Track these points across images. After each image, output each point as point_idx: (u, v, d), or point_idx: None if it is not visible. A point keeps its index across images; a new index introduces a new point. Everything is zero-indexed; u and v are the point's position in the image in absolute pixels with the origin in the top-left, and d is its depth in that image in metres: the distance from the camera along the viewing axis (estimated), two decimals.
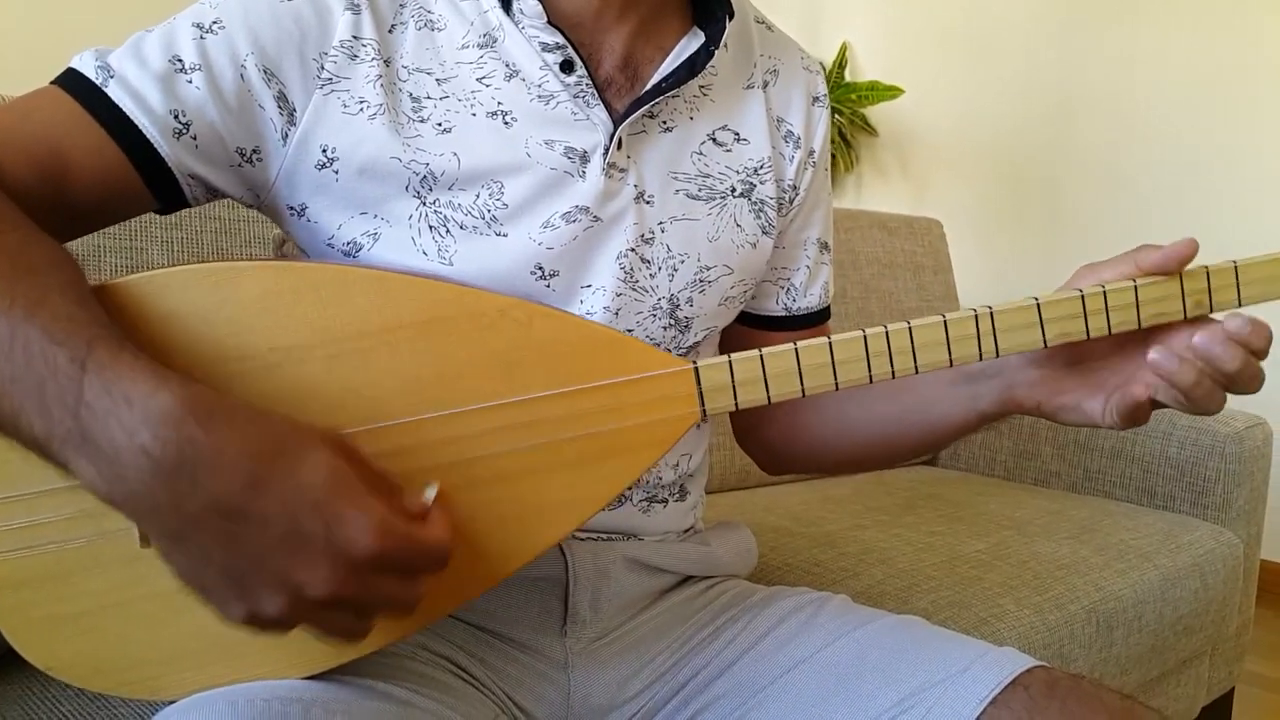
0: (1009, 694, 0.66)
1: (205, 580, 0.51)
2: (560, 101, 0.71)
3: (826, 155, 0.87)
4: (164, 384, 0.49)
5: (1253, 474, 1.60)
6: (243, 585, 0.50)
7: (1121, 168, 2.96)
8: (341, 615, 0.52)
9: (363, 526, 0.49)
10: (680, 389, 0.63)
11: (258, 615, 0.50)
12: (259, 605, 0.50)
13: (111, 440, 0.48)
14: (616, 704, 0.76)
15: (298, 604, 0.50)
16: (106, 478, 0.49)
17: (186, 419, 0.48)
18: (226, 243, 1.15)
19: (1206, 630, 1.47)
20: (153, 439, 0.48)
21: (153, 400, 0.48)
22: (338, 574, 0.49)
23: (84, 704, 0.80)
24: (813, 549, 1.29)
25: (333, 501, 0.49)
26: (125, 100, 0.64)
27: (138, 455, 0.48)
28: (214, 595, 0.51)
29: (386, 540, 0.49)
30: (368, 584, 0.50)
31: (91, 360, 0.49)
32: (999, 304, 0.66)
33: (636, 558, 0.77)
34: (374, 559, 0.49)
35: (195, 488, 0.48)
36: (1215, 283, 0.66)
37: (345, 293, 0.60)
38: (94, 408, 0.48)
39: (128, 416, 0.48)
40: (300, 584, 0.49)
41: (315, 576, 0.49)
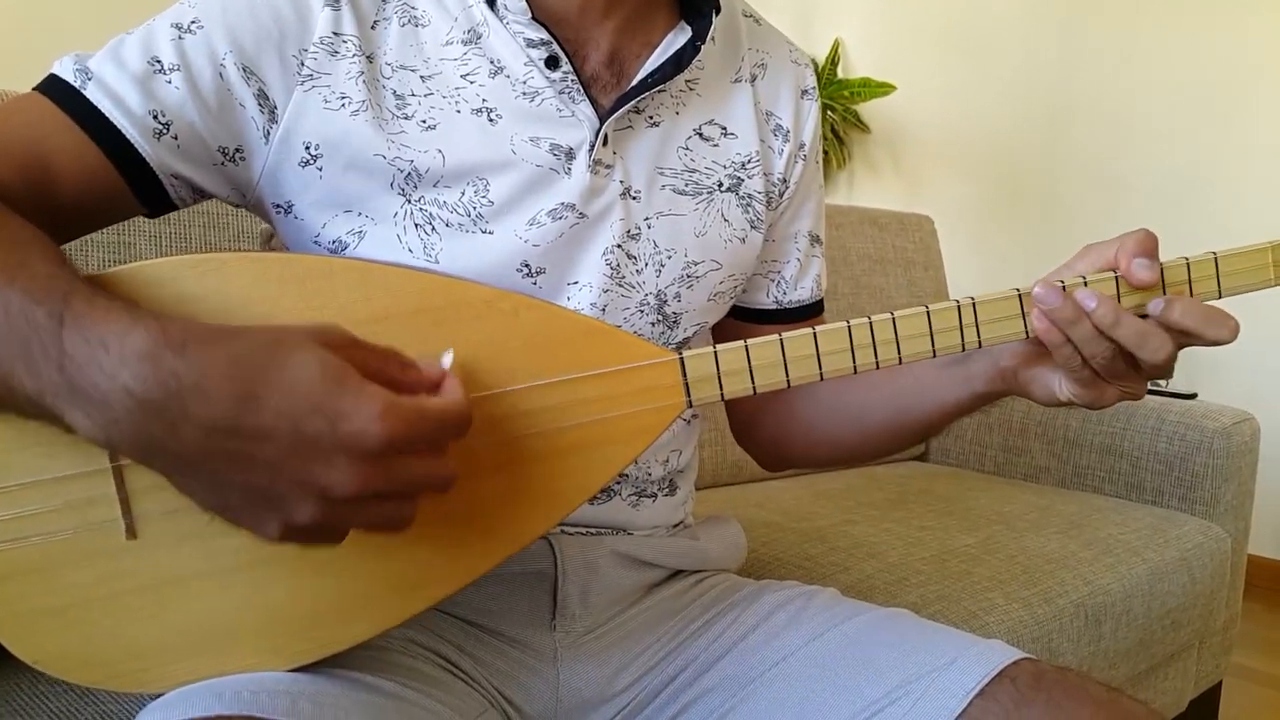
0: (996, 686, 0.66)
1: (230, 504, 0.51)
2: (545, 98, 0.70)
3: (817, 148, 0.87)
4: (137, 322, 0.49)
5: (1240, 469, 1.61)
6: (269, 500, 0.50)
7: (1114, 166, 2.96)
8: (380, 505, 0.51)
9: (367, 415, 0.48)
10: (665, 379, 0.63)
11: (295, 526, 0.50)
12: (292, 516, 0.50)
13: (96, 386, 0.48)
14: (605, 698, 0.76)
15: (330, 506, 0.49)
16: (101, 424, 0.49)
17: (163, 352, 0.48)
18: (215, 237, 1.15)
19: (1194, 624, 1.48)
20: (133, 378, 0.48)
21: (127, 340, 0.48)
22: (357, 468, 0.48)
23: (71, 700, 0.80)
24: (803, 543, 1.29)
25: (330, 398, 0.48)
26: (104, 102, 0.64)
27: (123, 396, 0.48)
28: (245, 517, 0.51)
29: (396, 423, 0.48)
30: (393, 469, 0.50)
31: (68, 313, 0.50)
32: (981, 295, 0.66)
33: (625, 552, 0.77)
34: (388, 444, 0.48)
35: (187, 417, 0.48)
36: (1195, 274, 0.67)
37: (331, 284, 0.60)
38: (75, 358, 0.49)
39: (106, 360, 0.48)
40: (324, 486, 0.48)
41: (336, 476, 0.48)
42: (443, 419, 0.52)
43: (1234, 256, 0.67)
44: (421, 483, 0.52)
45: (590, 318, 0.66)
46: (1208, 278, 0.67)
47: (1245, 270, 0.68)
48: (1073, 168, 3.05)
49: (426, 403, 0.51)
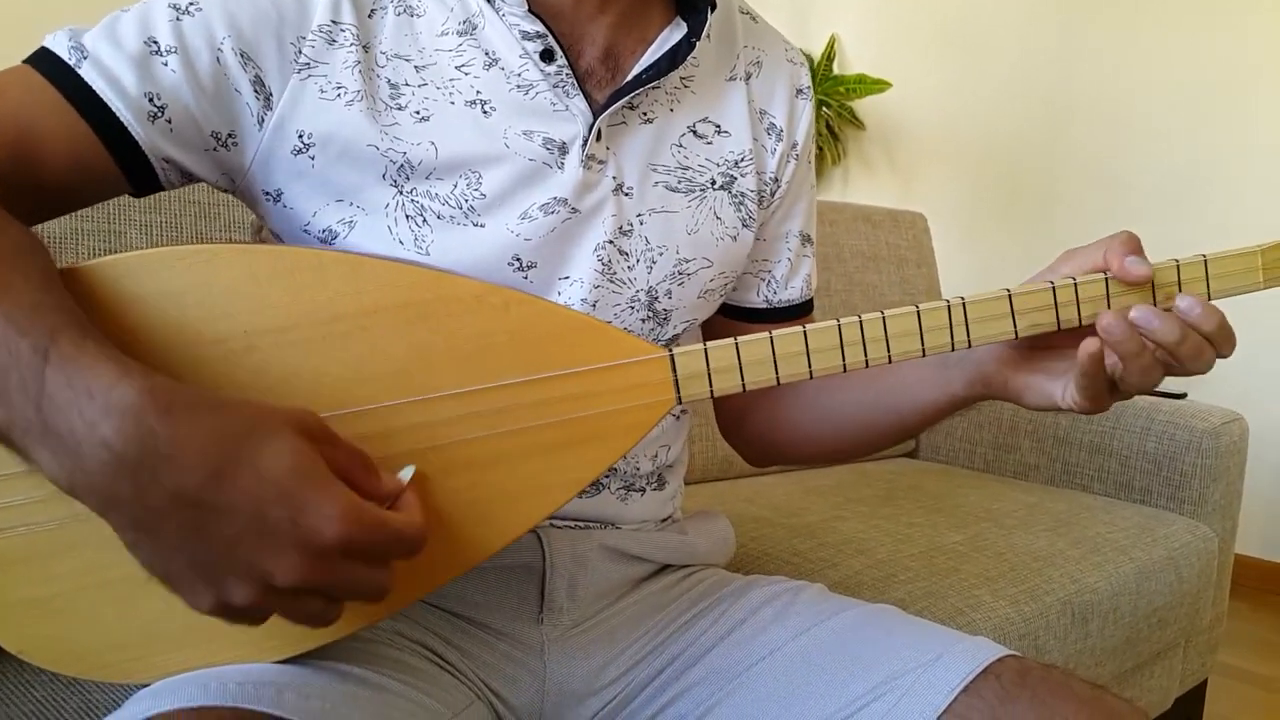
0: (980, 682, 0.66)
1: (171, 570, 0.50)
2: (539, 91, 0.70)
3: (809, 148, 0.86)
4: (125, 376, 0.48)
5: (1229, 469, 1.61)
6: (210, 575, 0.49)
7: (1111, 165, 2.97)
8: (311, 601, 0.51)
9: (329, 514, 0.48)
10: (655, 376, 0.63)
11: (227, 604, 0.50)
12: (227, 595, 0.50)
13: (73, 433, 0.48)
14: (592, 691, 0.76)
15: (266, 593, 0.49)
16: (68, 469, 0.48)
17: (147, 411, 0.48)
18: (205, 226, 1.15)
19: (1181, 623, 1.48)
20: (113, 432, 0.47)
21: (113, 393, 0.48)
22: (306, 562, 0.49)
23: (58, 688, 0.80)
24: (792, 539, 1.29)
25: (298, 489, 0.49)
26: (99, 82, 0.63)
27: (98, 448, 0.47)
28: (181, 585, 0.51)
29: (354, 527, 0.49)
30: (337, 571, 0.50)
31: (54, 350, 0.49)
32: (971, 294, 0.66)
33: (614, 546, 0.78)
34: (342, 546, 0.49)
35: (156, 480, 0.47)
36: (1185, 276, 0.67)
37: (321, 276, 0.60)
38: (55, 400, 0.48)
39: (89, 409, 0.47)
40: (268, 573, 0.49)
41: (283, 565, 0.48)
42: (400, 535, 0.52)
43: (1224, 259, 0.67)
44: (355, 590, 0.52)
45: (581, 313, 0.66)
46: (1197, 280, 0.67)
47: (1235, 273, 0.68)
48: (1068, 166, 3.06)
49: (388, 516, 0.52)
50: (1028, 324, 0.67)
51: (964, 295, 0.67)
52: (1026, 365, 0.71)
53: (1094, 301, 0.66)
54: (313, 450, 0.50)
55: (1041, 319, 0.67)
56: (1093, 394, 0.66)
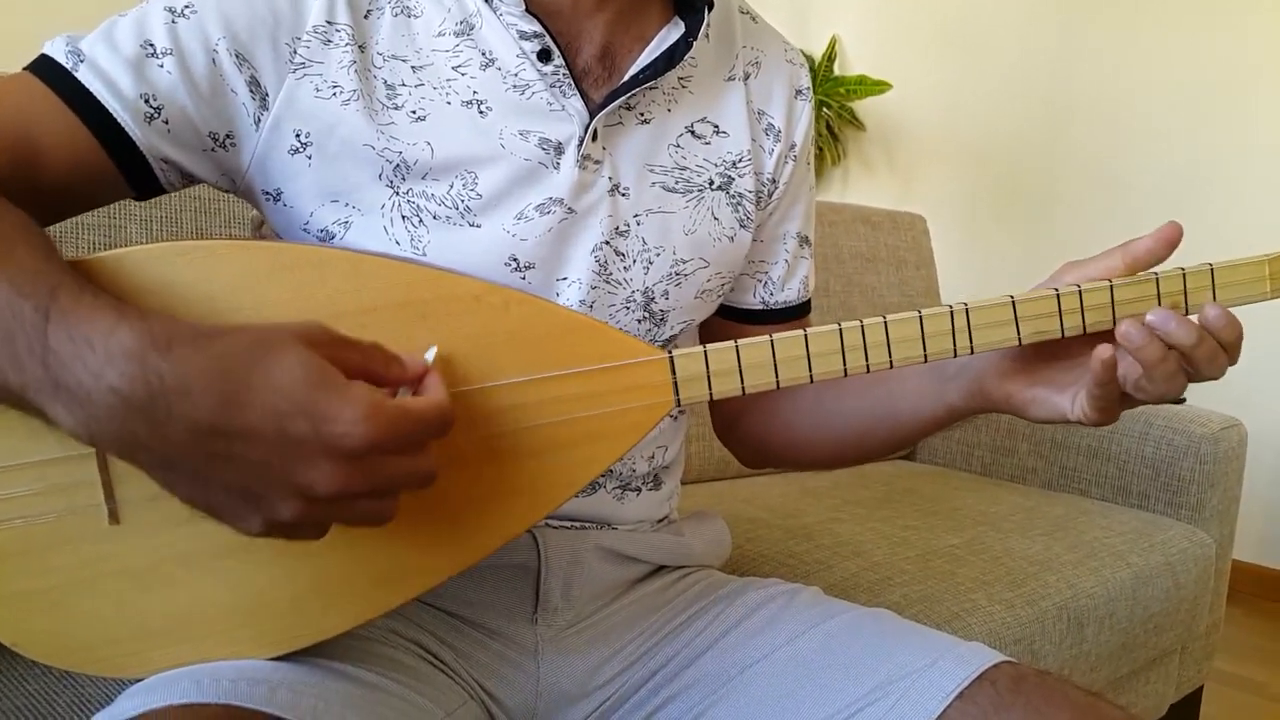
0: (975, 689, 0.66)
1: (213, 501, 0.51)
2: (536, 91, 0.70)
3: (808, 149, 0.86)
4: (122, 320, 0.49)
5: (1226, 475, 1.61)
6: (252, 498, 0.50)
7: (1110, 167, 2.97)
8: (362, 503, 0.51)
9: (350, 418, 0.48)
10: (655, 378, 0.63)
11: (277, 522, 0.50)
12: (274, 513, 0.50)
13: (80, 384, 0.48)
14: (586, 692, 0.76)
15: (311, 505, 0.50)
16: (84, 421, 0.49)
17: (148, 351, 0.48)
18: (206, 222, 1.15)
19: (1177, 629, 1.48)
20: (118, 377, 0.48)
21: (113, 338, 0.48)
22: (340, 468, 0.49)
23: (50, 682, 0.80)
24: (788, 541, 1.29)
25: (314, 400, 0.48)
26: (96, 84, 0.63)
27: (107, 395, 0.48)
28: (227, 513, 0.51)
29: (379, 425, 0.49)
30: (374, 469, 0.50)
31: (54, 308, 0.50)
32: (974, 300, 0.66)
33: (609, 546, 0.77)
34: (371, 446, 0.49)
35: (171, 417, 0.48)
36: (1191, 284, 0.66)
37: (321, 274, 0.60)
38: (60, 354, 0.49)
39: (91, 359, 0.48)
40: (307, 485, 0.49)
41: (319, 476, 0.49)
42: (425, 419, 0.52)
43: (1231, 268, 0.67)
44: (402, 481, 0.52)
45: (581, 314, 0.66)
46: (1203, 289, 0.67)
47: (1242, 282, 0.67)
48: (1068, 167, 3.06)
49: (409, 404, 0.52)
50: (1031, 331, 0.66)
51: (967, 301, 0.66)
52: (1030, 378, 0.70)
53: (1098, 309, 0.66)
54: (321, 358, 0.50)
55: (1045, 326, 0.66)
56: (1105, 404, 0.66)
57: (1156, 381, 0.64)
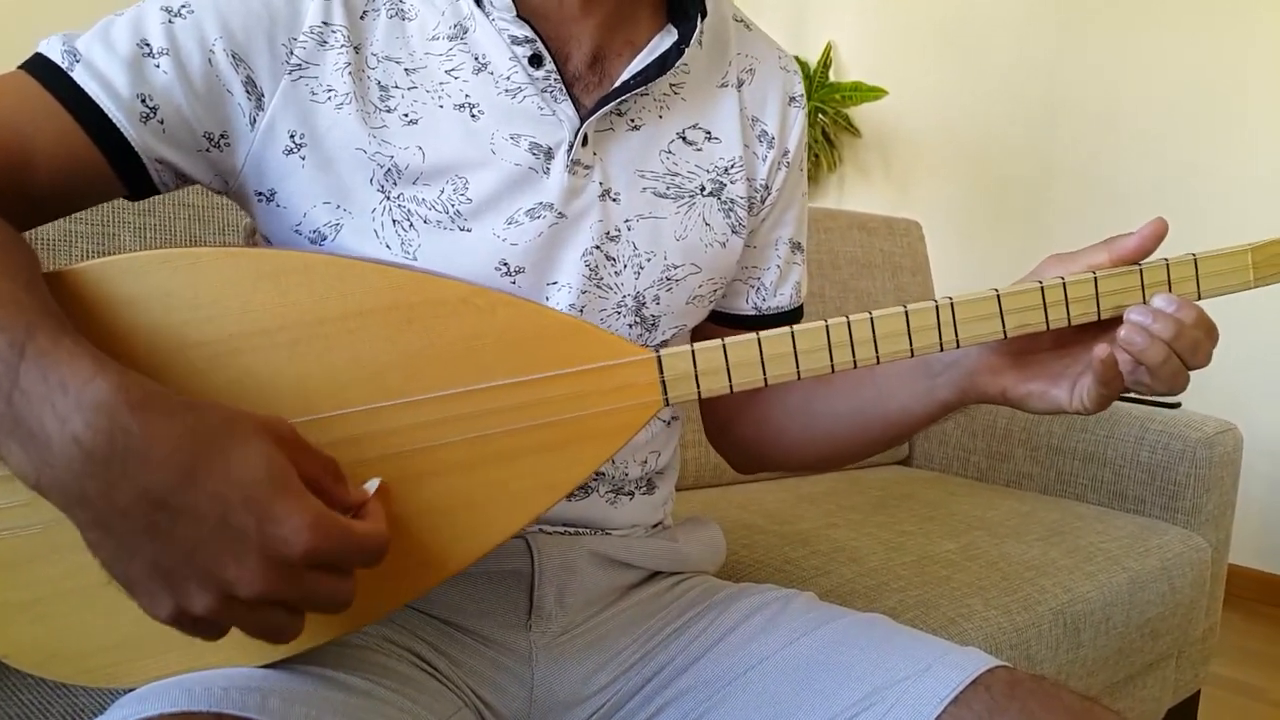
0: (970, 693, 0.66)
1: (131, 574, 0.49)
2: (527, 95, 0.70)
3: (801, 156, 0.86)
4: (101, 372, 0.48)
5: (1222, 479, 1.61)
6: (171, 580, 0.49)
7: (1103, 173, 2.97)
8: (272, 613, 0.50)
9: (296, 525, 0.48)
10: (643, 377, 0.63)
11: (185, 612, 0.49)
12: (187, 601, 0.49)
13: (43, 427, 0.47)
14: (580, 698, 0.75)
15: (227, 602, 0.49)
16: (36, 464, 0.48)
17: (120, 408, 0.47)
18: (199, 229, 1.15)
19: (1173, 633, 1.48)
20: (84, 427, 0.47)
21: (88, 388, 0.47)
22: (269, 572, 0.48)
23: (44, 692, 0.79)
24: (784, 546, 1.29)
25: (266, 497, 0.48)
26: (91, 84, 0.63)
27: (69, 444, 0.47)
28: (141, 590, 0.50)
29: (320, 538, 0.48)
30: (299, 582, 0.49)
31: (31, 346, 0.49)
32: (959, 294, 0.66)
33: (603, 552, 0.77)
34: (306, 557, 0.48)
35: (125, 478, 0.47)
36: (1175, 275, 0.67)
37: (306, 279, 0.59)
38: (29, 394, 0.48)
39: (62, 403, 0.47)
40: (230, 581, 0.48)
41: (245, 574, 0.48)
42: (364, 545, 0.51)
43: (1214, 258, 0.67)
44: (318, 602, 0.51)
45: (568, 315, 0.65)
46: (1187, 279, 0.67)
47: (1225, 272, 0.67)
48: (1064, 173, 3.06)
49: (353, 525, 0.51)
50: (1016, 324, 0.66)
51: (952, 295, 0.67)
52: (1025, 373, 0.71)
53: (1083, 301, 0.66)
54: (284, 457, 0.50)
55: (1030, 319, 0.67)
56: (1108, 398, 0.67)
57: (1161, 380, 0.65)
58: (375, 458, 0.59)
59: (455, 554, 0.62)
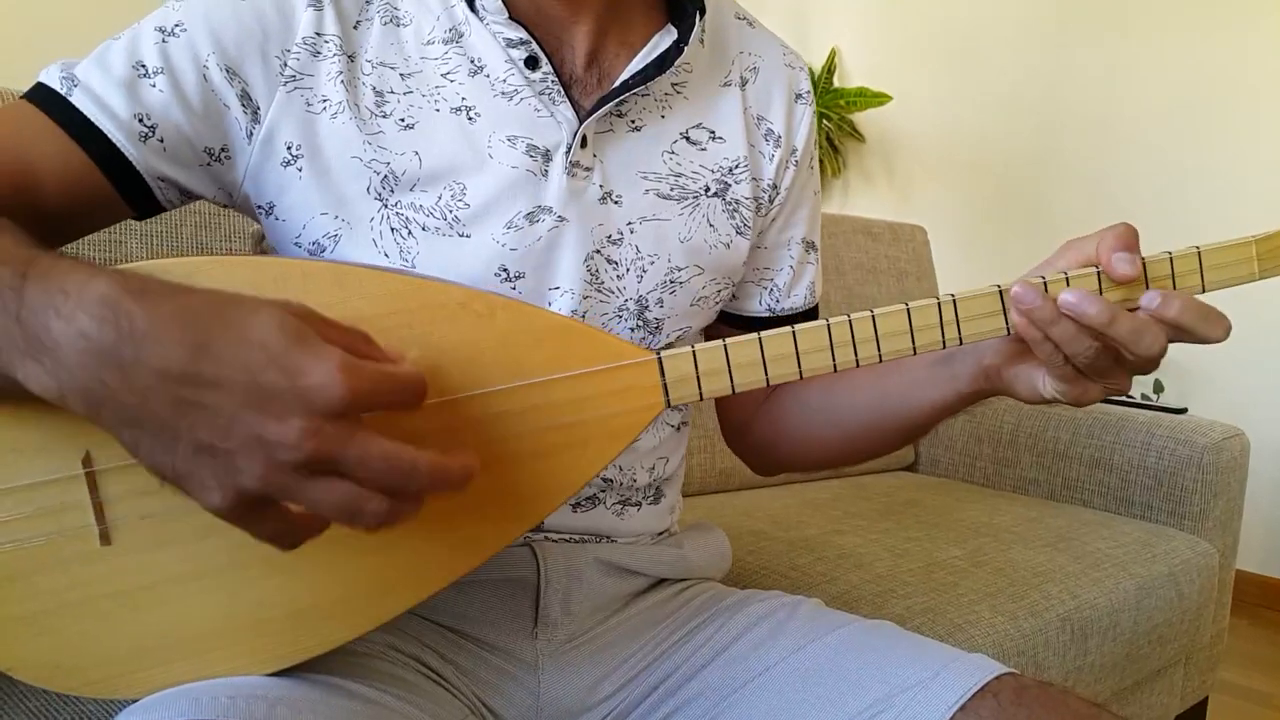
0: (978, 701, 0.66)
1: (177, 463, 0.48)
2: (524, 98, 0.70)
3: (811, 153, 0.86)
4: (100, 272, 0.49)
5: (1229, 484, 1.61)
6: (215, 458, 0.47)
7: (1105, 178, 2.98)
8: (338, 485, 0.48)
9: (327, 370, 0.46)
10: (644, 379, 0.63)
11: (240, 490, 0.47)
12: (237, 477, 0.47)
13: (50, 332, 0.48)
14: (587, 706, 0.75)
15: (278, 469, 0.46)
16: (52, 372, 0.48)
17: (122, 297, 0.48)
18: (206, 237, 1.15)
19: (1181, 639, 1.48)
20: (89, 320, 0.47)
21: (87, 286, 0.48)
22: (312, 425, 0.46)
23: (51, 700, 0.79)
24: (790, 553, 1.29)
25: (289, 353, 0.47)
26: (89, 107, 0.64)
27: (77, 339, 0.47)
28: (190, 479, 0.48)
29: (356, 379, 0.47)
30: (348, 436, 0.47)
31: (33, 270, 0.50)
32: (962, 292, 0.66)
33: (609, 560, 0.77)
34: (347, 400, 0.46)
35: (140, 361, 0.47)
36: (1179, 268, 0.66)
37: (304, 286, 0.59)
38: (33, 306, 0.49)
39: (64, 305, 0.48)
40: (275, 442, 0.46)
41: (289, 431, 0.46)
42: (403, 381, 0.50)
43: (1218, 250, 0.66)
44: (379, 464, 0.48)
45: (568, 318, 0.65)
46: (1191, 272, 0.66)
47: (1229, 264, 0.67)
48: (1066, 179, 3.06)
49: (388, 366, 0.50)
50: None
51: (954, 293, 0.66)
52: (1017, 356, 0.70)
53: None
54: (296, 319, 0.49)
55: None
56: (1064, 377, 0.65)
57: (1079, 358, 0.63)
58: None
59: (460, 558, 0.61)
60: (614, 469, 0.77)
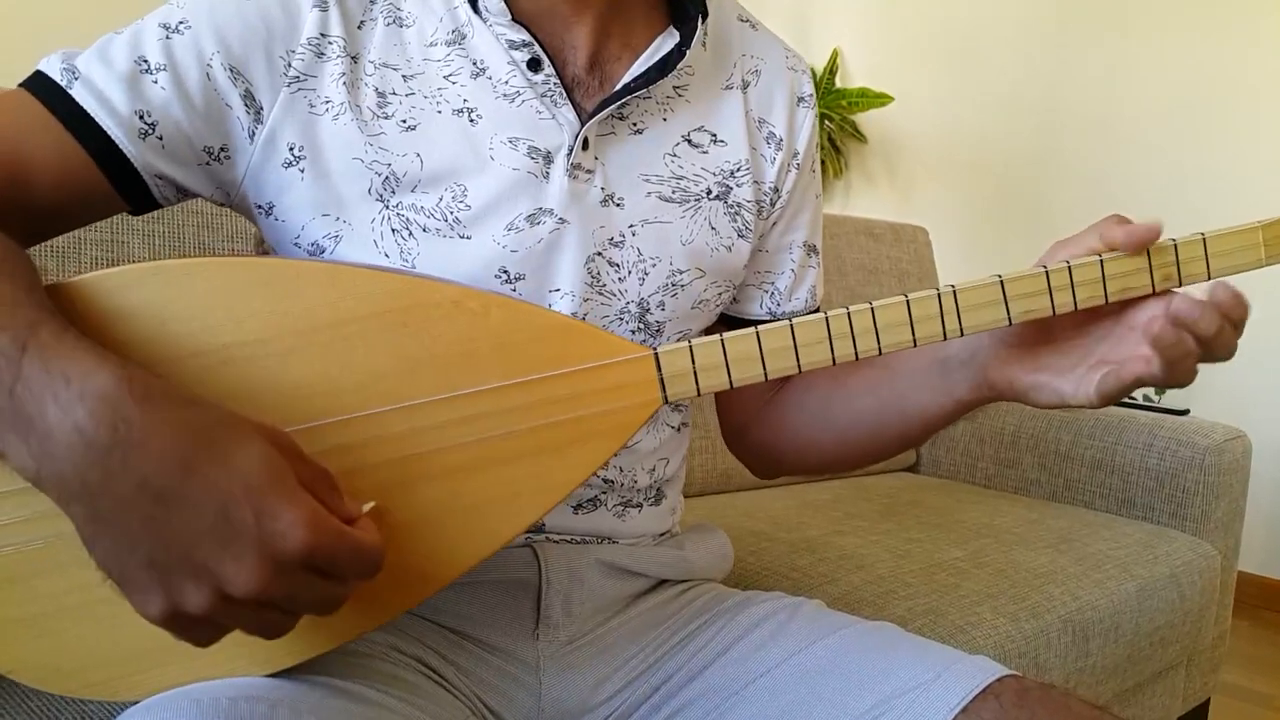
0: (979, 703, 0.66)
1: (127, 569, 0.49)
2: (526, 100, 0.70)
3: (813, 156, 0.86)
4: (103, 364, 0.49)
5: (1231, 486, 1.61)
6: (166, 576, 0.48)
7: (1105, 178, 2.98)
8: (266, 614, 0.50)
9: (295, 520, 0.47)
10: (641, 375, 0.63)
11: (179, 610, 0.48)
12: (181, 598, 0.48)
13: (44, 417, 0.47)
14: (588, 707, 0.75)
15: (221, 601, 0.48)
16: (36, 456, 0.48)
17: (124, 399, 0.48)
18: (208, 237, 1.15)
19: (1183, 641, 1.48)
20: (87, 416, 0.47)
21: (90, 379, 0.48)
22: (265, 570, 0.47)
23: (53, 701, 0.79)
24: (791, 554, 1.29)
25: (266, 493, 0.48)
26: (89, 101, 0.64)
27: (70, 433, 0.47)
28: (135, 587, 0.49)
29: (319, 537, 0.48)
30: (295, 583, 0.49)
31: (33, 341, 0.49)
32: (962, 282, 0.65)
33: (610, 561, 0.77)
34: (305, 555, 0.48)
35: (126, 468, 0.47)
36: (1184, 255, 0.66)
37: (298, 286, 0.59)
38: (31, 385, 0.48)
39: (64, 394, 0.48)
40: (226, 577, 0.47)
41: (242, 571, 0.47)
42: (360, 549, 0.51)
43: (1223, 236, 0.66)
44: (313, 604, 0.51)
45: (563, 315, 0.65)
46: (1196, 259, 0.66)
47: (1235, 250, 0.66)
48: (1067, 179, 3.06)
49: (350, 529, 0.51)
50: (1021, 310, 0.65)
51: (954, 283, 0.66)
52: (1031, 364, 0.70)
53: (1089, 284, 0.65)
54: (281, 458, 0.50)
55: (1035, 305, 0.65)
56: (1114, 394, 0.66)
57: (1176, 376, 0.64)
58: (373, 464, 0.59)
59: (460, 557, 0.61)
60: (615, 470, 0.77)
